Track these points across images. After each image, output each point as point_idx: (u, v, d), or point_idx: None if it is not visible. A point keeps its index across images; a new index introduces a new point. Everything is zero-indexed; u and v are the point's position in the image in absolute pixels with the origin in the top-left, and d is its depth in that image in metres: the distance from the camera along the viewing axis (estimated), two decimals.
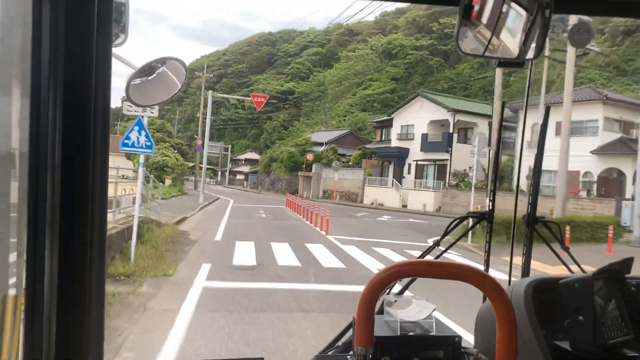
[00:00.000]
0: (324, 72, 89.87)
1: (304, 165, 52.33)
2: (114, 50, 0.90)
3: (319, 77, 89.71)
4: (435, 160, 35.68)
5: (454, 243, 1.82)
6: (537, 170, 1.74)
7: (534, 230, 1.73)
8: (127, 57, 1.14)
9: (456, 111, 35.06)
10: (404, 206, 35.81)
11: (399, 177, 38.25)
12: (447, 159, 34.35)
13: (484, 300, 1.44)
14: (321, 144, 55.30)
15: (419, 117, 37.28)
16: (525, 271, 1.74)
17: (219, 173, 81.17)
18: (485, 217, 1.76)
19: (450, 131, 35.00)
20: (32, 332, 0.81)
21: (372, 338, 0.89)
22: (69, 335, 0.82)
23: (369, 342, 0.88)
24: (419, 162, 37.34)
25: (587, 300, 1.18)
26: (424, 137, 36.95)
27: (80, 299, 0.82)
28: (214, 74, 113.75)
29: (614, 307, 1.25)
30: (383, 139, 47.05)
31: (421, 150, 36.93)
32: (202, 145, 39.60)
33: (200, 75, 55.44)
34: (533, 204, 1.73)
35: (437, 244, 1.76)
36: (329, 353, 1.38)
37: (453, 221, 1.78)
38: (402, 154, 38.63)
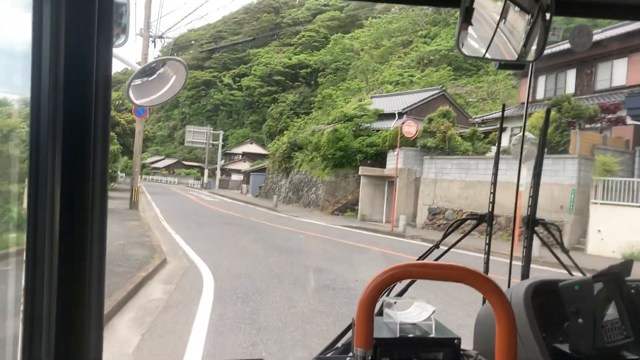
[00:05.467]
0: (353, 32, 68.79)
1: (366, 157, 26.67)
2: (114, 50, 0.90)
3: (345, 41, 67.45)
4: None
5: (454, 245, 1.79)
6: (537, 172, 1.78)
7: (534, 232, 1.75)
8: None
9: None
10: None
11: None
12: None
13: (484, 302, 1.42)
14: (391, 116, 29.67)
15: None
16: (525, 273, 1.73)
17: (206, 172, 55.19)
18: (485, 219, 1.77)
19: None
20: (31, 331, 0.81)
21: (372, 340, 0.89)
22: (69, 336, 0.81)
23: (369, 344, 0.88)
24: None
25: (587, 303, 1.17)
26: None
27: (80, 298, 0.81)
28: (203, 49, 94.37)
29: (614, 310, 1.23)
30: (542, 97, 21.79)
31: None
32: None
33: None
34: (533, 206, 1.74)
35: (436, 245, 1.75)
36: (329, 354, 1.37)
37: (453, 223, 1.79)
38: None
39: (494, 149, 18.45)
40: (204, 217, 20.54)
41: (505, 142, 21.90)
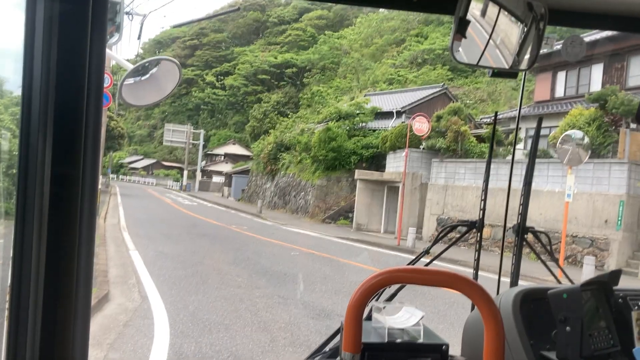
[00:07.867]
0: (342, 31, 66.96)
1: (363, 159, 23.99)
2: (108, 49, 0.88)
3: (333, 40, 65.44)
4: None
5: (444, 251, 1.79)
6: (527, 180, 1.79)
7: (524, 240, 1.76)
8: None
9: None
10: None
11: None
12: None
13: (472, 308, 1.42)
14: (388, 115, 27.08)
15: None
16: (514, 281, 1.72)
17: (185, 173, 51.96)
18: (475, 226, 1.78)
19: None
20: (17, 329, 0.81)
21: (360, 344, 0.88)
22: (54, 335, 0.81)
23: (357, 348, 0.88)
24: None
25: (575, 312, 1.18)
26: None
27: (67, 297, 0.81)
28: (185, 46, 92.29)
29: (601, 318, 1.23)
30: (561, 95, 19.52)
31: None
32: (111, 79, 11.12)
33: None
34: (523, 214, 1.75)
35: (426, 251, 1.73)
36: (316, 359, 1.37)
37: (443, 229, 1.82)
38: None
39: (517, 151, 15.89)
40: (176, 225, 17.56)
41: (520, 145, 19.42)
